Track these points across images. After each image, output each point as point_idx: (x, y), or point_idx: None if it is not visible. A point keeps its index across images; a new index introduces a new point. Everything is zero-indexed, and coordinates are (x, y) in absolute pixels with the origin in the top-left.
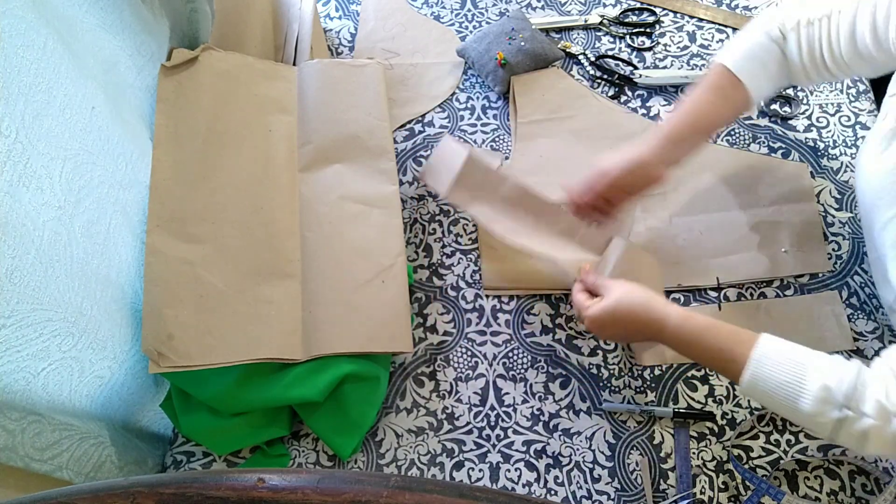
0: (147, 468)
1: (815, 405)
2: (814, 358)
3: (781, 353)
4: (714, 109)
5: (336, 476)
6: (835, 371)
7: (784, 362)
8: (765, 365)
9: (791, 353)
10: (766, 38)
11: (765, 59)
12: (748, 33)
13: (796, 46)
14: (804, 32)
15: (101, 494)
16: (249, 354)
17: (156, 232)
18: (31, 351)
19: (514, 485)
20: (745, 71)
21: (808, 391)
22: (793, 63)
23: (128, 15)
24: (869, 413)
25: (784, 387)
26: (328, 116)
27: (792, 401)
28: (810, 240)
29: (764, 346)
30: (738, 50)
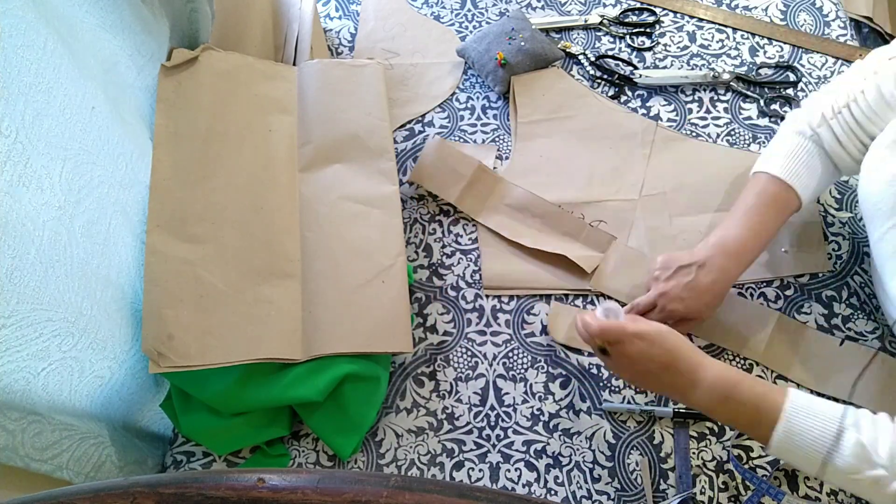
0: (147, 468)
1: (850, 463)
2: (849, 413)
3: (816, 407)
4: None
5: (336, 476)
6: (870, 426)
7: (819, 417)
8: (798, 419)
9: (824, 407)
10: (801, 137)
11: (804, 157)
12: (782, 139)
13: (832, 137)
14: (835, 123)
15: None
16: (249, 354)
17: (156, 232)
18: (31, 351)
19: (514, 485)
20: (792, 174)
21: (843, 447)
22: (835, 154)
23: (128, 15)
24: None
25: (818, 442)
26: (328, 116)
27: (827, 458)
28: (810, 240)
29: (796, 401)
30: (778, 155)
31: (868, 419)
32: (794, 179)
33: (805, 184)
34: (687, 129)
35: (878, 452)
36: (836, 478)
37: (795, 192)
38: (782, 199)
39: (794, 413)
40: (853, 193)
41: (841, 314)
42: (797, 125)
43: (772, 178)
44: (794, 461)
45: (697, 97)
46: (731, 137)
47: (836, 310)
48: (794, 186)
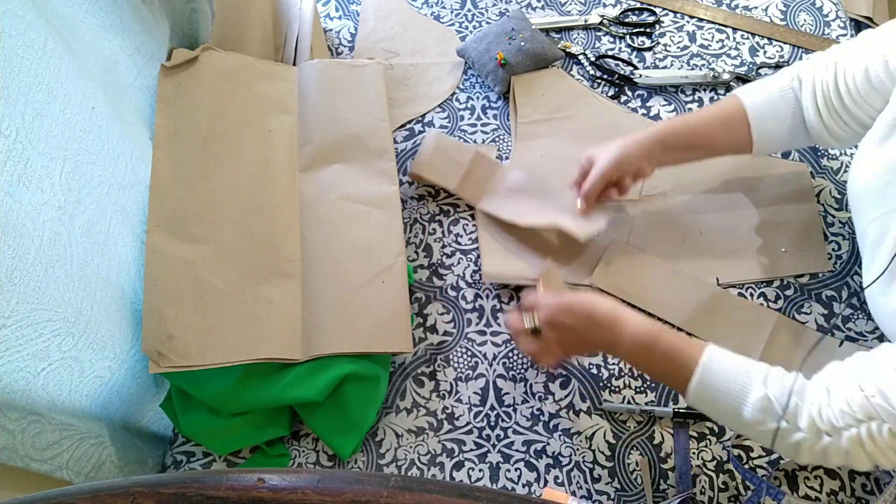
0: (147, 468)
1: (756, 414)
2: (760, 369)
3: (729, 362)
4: (712, 134)
5: (336, 476)
6: (777, 382)
7: (731, 371)
8: (712, 372)
9: (737, 363)
10: (786, 83)
11: (779, 105)
12: (772, 78)
13: (810, 88)
14: (818, 75)
15: (101, 494)
16: (249, 354)
17: (156, 232)
18: (31, 351)
19: (514, 485)
20: (756, 112)
21: (750, 399)
22: (805, 104)
23: (128, 15)
24: (802, 427)
25: (729, 395)
26: (328, 116)
27: (735, 408)
28: (810, 240)
29: (711, 353)
30: (758, 91)
31: (777, 375)
32: (754, 114)
33: (764, 125)
34: None
35: (784, 406)
36: (744, 429)
37: (750, 127)
38: (734, 124)
39: (708, 367)
40: None
41: (841, 314)
42: (790, 73)
43: (737, 104)
44: (708, 412)
45: (697, 97)
46: None
47: (836, 310)
48: (752, 123)
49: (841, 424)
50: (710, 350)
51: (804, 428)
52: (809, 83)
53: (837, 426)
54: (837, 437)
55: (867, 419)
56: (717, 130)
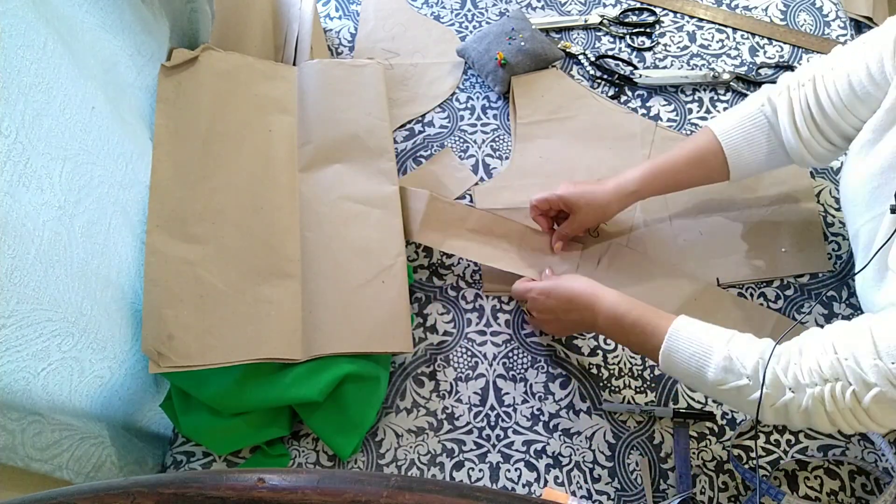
0: (147, 468)
1: (719, 374)
2: (724, 333)
3: (695, 329)
4: (689, 176)
5: (336, 476)
6: (742, 344)
7: (696, 336)
8: (679, 339)
9: (704, 329)
10: (756, 109)
11: (751, 130)
12: (742, 105)
13: (787, 108)
14: (794, 94)
15: (101, 494)
16: (249, 354)
17: (156, 232)
18: (31, 351)
19: (514, 485)
20: (730, 142)
21: (713, 361)
22: (783, 124)
23: (128, 15)
24: (767, 383)
25: (694, 358)
26: (328, 116)
27: (699, 370)
28: (810, 240)
29: (679, 322)
30: (728, 120)
31: (744, 338)
32: (728, 145)
33: (739, 154)
34: (687, 129)
35: (744, 364)
36: (711, 392)
37: (724, 152)
38: (709, 160)
39: (675, 333)
40: None
41: (841, 314)
42: (759, 94)
43: (708, 134)
44: (679, 377)
45: (697, 97)
46: None
47: (836, 310)
48: (727, 153)
49: (806, 381)
50: (680, 320)
51: (768, 384)
52: (785, 104)
53: (802, 383)
54: (801, 393)
55: (833, 379)
56: (693, 172)
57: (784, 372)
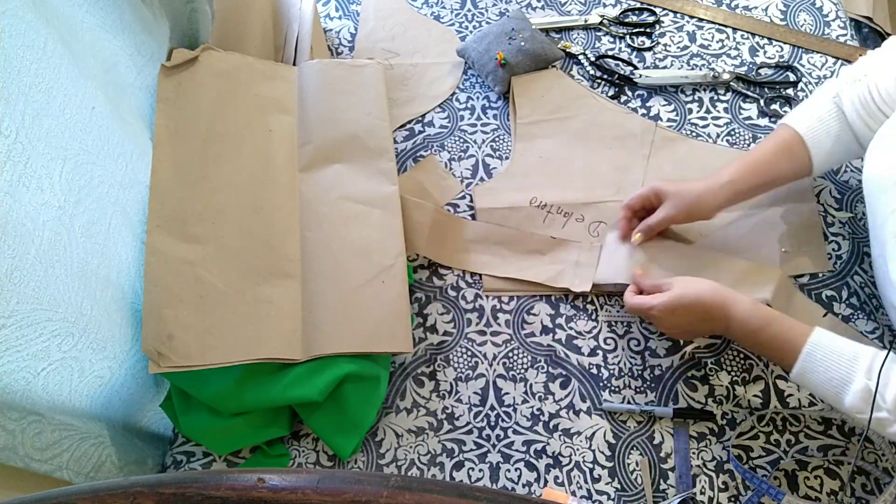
0: (147, 468)
1: (857, 403)
2: (864, 355)
3: (833, 347)
4: (779, 169)
5: (336, 476)
6: (880, 373)
7: (833, 359)
8: (815, 359)
9: (841, 348)
10: (829, 102)
11: (828, 121)
12: (813, 99)
13: (850, 102)
14: (853, 89)
15: (101, 494)
16: (249, 354)
17: (156, 232)
18: (31, 351)
19: (514, 485)
20: (812, 137)
21: (851, 389)
22: (851, 119)
23: (128, 15)
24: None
25: (831, 383)
26: (328, 116)
27: (836, 396)
28: (810, 240)
29: (816, 339)
30: (805, 114)
31: (877, 360)
32: (810, 136)
33: (820, 143)
34: (687, 129)
35: (885, 398)
36: (844, 412)
37: (807, 148)
38: (792, 149)
39: (811, 354)
40: (853, 193)
41: (841, 314)
42: (827, 88)
43: (790, 130)
44: (812, 391)
45: (697, 97)
46: (731, 137)
47: (836, 310)
48: (808, 143)
49: None
50: (816, 335)
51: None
52: (848, 99)
53: None
54: None
55: None
56: (782, 165)
57: None
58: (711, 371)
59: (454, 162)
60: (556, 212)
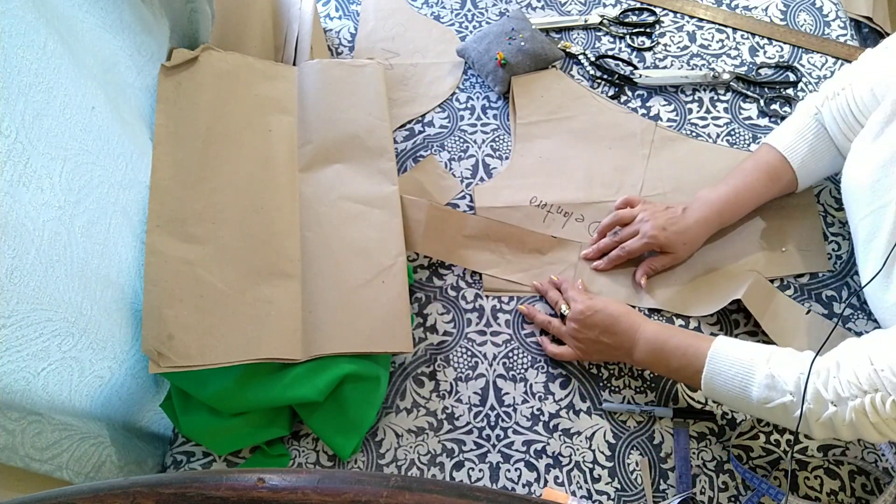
0: (147, 468)
1: (763, 392)
2: (764, 350)
3: (736, 349)
4: (763, 193)
5: (336, 476)
6: (782, 360)
7: (736, 356)
8: (720, 360)
9: (744, 348)
10: (808, 116)
11: (808, 136)
12: (793, 117)
13: (830, 116)
14: (833, 103)
15: (101, 494)
16: (249, 354)
17: (156, 232)
18: (31, 351)
19: (514, 485)
20: (795, 156)
21: (756, 379)
22: (832, 133)
23: (128, 15)
24: (808, 399)
25: (737, 378)
26: (328, 116)
27: (743, 391)
28: (810, 240)
29: (719, 343)
30: (787, 134)
31: (783, 354)
32: (792, 155)
33: (803, 161)
34: (687, 129)
35: (786, 381)
36: (756, 411)
37: (791, 167)
38: (776, 171)
39: (715, 356)
40: None
41: (841, 314)
42: (808, 104)
43: (772, 151)
44: (722, 400)
45: (697, 97)
46: (731, 137)
47: (836, 310)
48: (791, 162)
49: (846, 394)
50: (720, 341)
51: (809, 399)
52: (828, 113)
53: (843, 396)
54: (843, 406)
55: (872, 390)
56: (766, 188)
57: (825, 386)
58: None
59: (454, 162)
60: (556, 212)
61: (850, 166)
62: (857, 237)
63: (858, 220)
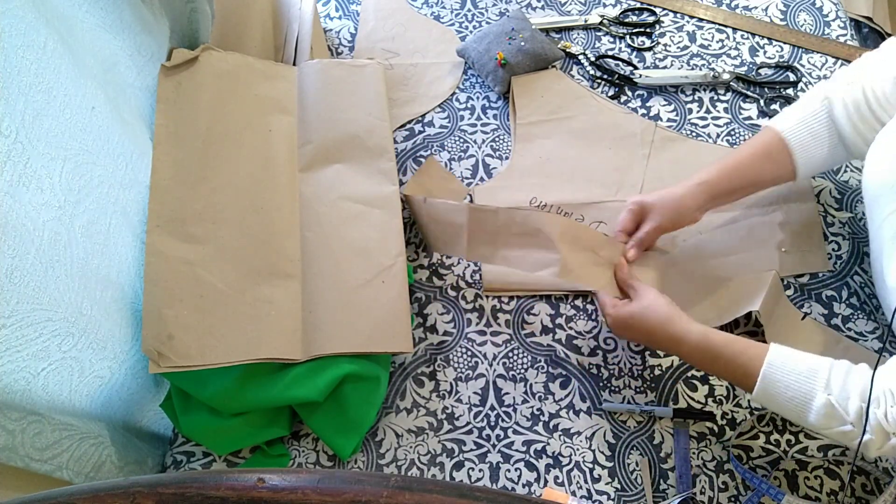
0: (147, 468)
1: (821, 419)
2: (820, 370)
3: (788, 366)
4: (758, 171)
5: (336, 476)
6: (838, 384)
7: (791, 378)
8: (774, 379)
9: (797, 365)
10: (816, 103)
11: (814, 126)
12: (800, 102)
13: (842, 105)
14: (847, 93)
15: (101, 494)
16: (249, 354)
17: (156, 232)
18: (31, 351)
19: (514, 485)
20: (795, 138)
21: (814, 406)
22: (840, 123)
23: (128, 15)
24: (869, 430)
25: (793, 401)
26: (328, 116)
27: (800, 414)
28: (810, 240)
29: (772, 360)
30: (791, 118)
31: (840, 377)
32: (791, 137)
33: (803, 144)
34: (687, 129)
35: (847, 410)
36: (812, 429)
37: (789, 149)
38: (776, 156)
39: (769, 377)
40: (853, 193)
41: (841, 314)
42: (817, 91)
43: (771, 131)
44: (776, 412)
45: (697, 97)
46: (731, 137)
47: (836, 310)
48: (789, 143)
49: None
50: (771, 356)
51: (870, 430)
52: (840, 101)
53: None
54: None
55: None
56: (762, 167)
57: (885, 417)
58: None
59: (454, 162)
60: (555, 212)
61: (873, 163)
62: (880, 235)
63: (883, 217)
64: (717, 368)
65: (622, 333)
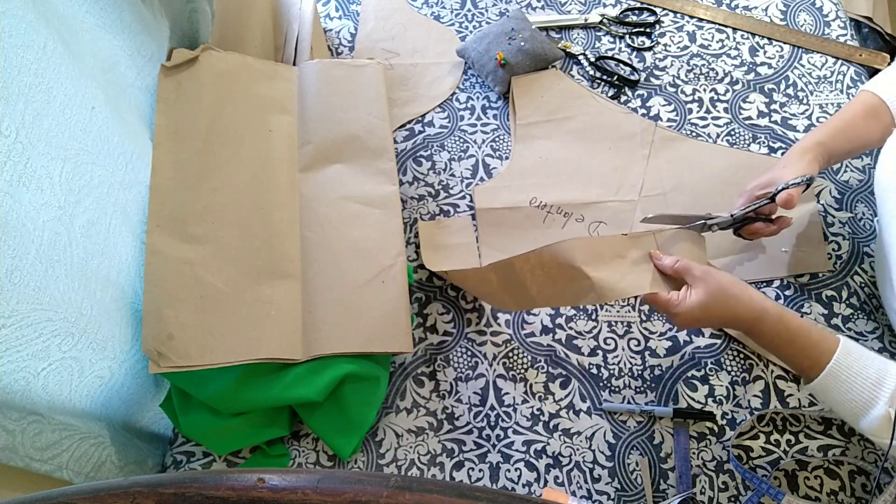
0: (147, 468)
1: (874, 428)
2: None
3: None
4: (866, 128)
5: (336, 476)
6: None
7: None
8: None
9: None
10: None
11: None
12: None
13: None
14: None
15: (101, 494)
16: (249, 354)
17: (156, 232)
18: (31, 351)
19: (514, 485)
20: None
21: (872, 414)
22: None
23: (128, 15)
24: None
25: (851, 403)
26: (328, 116)
27: (855, 416)
28: (810, 240)
29: (840, 359)
30: (885, 79)
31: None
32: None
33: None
34: (687, 128)
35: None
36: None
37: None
38: (881, 115)
39: (835, 371)
40: (853, 193)
41: (841, 314)
42: None
43: (873, 96)
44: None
45: (697, 97)
46: (731, 137)
47: (836, 310)
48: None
49: None
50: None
51: None
52: None
53: None
54: None
55: None
56: (869, 126)
57: None
58: (711, 371)
59: (454, 162)
60: (555, 212)
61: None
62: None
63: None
64: (785, 352)
65: (695, 325)
